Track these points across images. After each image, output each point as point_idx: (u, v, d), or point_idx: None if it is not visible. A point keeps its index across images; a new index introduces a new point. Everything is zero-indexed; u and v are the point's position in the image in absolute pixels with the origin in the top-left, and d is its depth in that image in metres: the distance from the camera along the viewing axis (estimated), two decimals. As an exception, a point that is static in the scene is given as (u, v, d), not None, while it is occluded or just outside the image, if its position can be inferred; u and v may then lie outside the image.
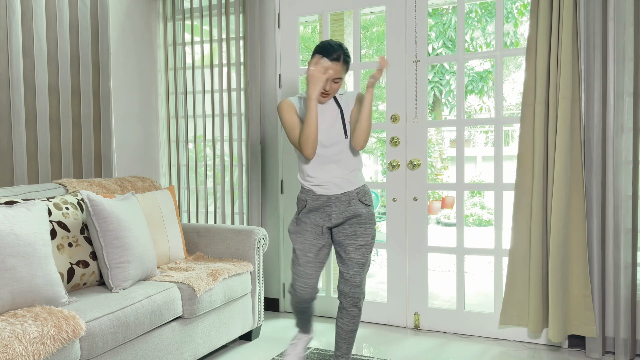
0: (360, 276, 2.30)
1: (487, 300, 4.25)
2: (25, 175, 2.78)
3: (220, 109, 3.64)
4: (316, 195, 2.31)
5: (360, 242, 2.30)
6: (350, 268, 2.30)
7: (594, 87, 2.75)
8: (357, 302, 2.32)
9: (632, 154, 2.69)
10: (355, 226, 2.30)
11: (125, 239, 2.41)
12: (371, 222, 2.34)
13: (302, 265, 2.32)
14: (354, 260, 2.30)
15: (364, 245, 2.31)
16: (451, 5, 3.69)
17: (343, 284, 2.32)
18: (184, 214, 3.90)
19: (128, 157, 3.63)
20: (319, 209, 2.32)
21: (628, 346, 2.72)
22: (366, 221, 2.32)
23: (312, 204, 2.32)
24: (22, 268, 1.94)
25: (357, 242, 2.30)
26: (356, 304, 2.32)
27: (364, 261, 2.31)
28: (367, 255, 2.32)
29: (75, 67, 3.09)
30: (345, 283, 2.31)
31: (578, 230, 2.78)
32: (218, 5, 3.63)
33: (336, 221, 2.31)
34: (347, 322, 2.34)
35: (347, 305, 2.32)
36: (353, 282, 2.30)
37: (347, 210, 2.30)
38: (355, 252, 2.30)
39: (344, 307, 2.33)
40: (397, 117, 3.26)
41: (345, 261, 2.31)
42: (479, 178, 14.07)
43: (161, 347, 2.34)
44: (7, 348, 1.63)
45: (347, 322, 2.34)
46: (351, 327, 2.34)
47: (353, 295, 2.30)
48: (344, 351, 2.37)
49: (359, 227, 2.30)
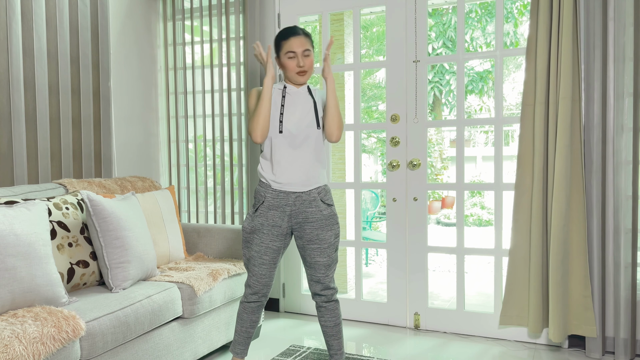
0: (328, 277, 2.31)
1: (487, 300, 4.25)
2: (25, 175, 2.78)
3: (220, 109, 3.64)
4: (275, 192, 2.26)
5: (324, 244, 2.28)
6: (318, 271, 2.30)
7: (594, 87, 2.75)
8: (330, 297, 2.33)
9: (632, 154, 2.69)
10: (317, 230, 2.27)
11: (125, 239, 2.41)
12: (333, 222, 2.30)
13: (257, 267, 2.29)
14: (320, 263, 2.29)
15: (328, 247, 2.29)
16: (451, 5, 3.69)
17: (314, 286, 2.33)
18: (184, 214, 3.90)
19: (128, 157, 3.63)
20: (278, 208, 2.26)
21: (628, 346, 2.72)
22: (327, 222, 2.29)
23: (271, 201, 2.26)
24: (22, 268, 1.94)
25: (321, 246, 2.28)
26: (330, 298, 2.33)
27: (329, 262, 2.31)
28: (332, 256, 2.31)
29: (75, 67, 3.10)
30: (315, 285, 2.32)
31: (578, 230, 2.78)
32: (218, 5, 3.63)
33: (296, 220, 2.28)
34: (329, 317, 2.34)
35: (321, 302, 2.34)
36: (323, 283, 2.31)
37: (307, 210, 2.27)
38: (320, 255, 2.29)
39: (320, 305, 2.35)
40: (397, 117, 3.26)
41: (311, 265, 2.31)
42: (479, 178, 14.07)
43: (161, 347, 2.34)
44: (7, 348, 1.63)
45: (329, 317, 2.34)
46: (334, 322, 2.35)
47: (324, 294, 2.32)
48: (336, 348, 2.37)
49: (321, 230, 2.27)
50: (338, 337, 2.36)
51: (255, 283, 2.32)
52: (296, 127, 2.25)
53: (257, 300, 2.36)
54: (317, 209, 2.28)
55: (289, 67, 2.25)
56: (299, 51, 2.22)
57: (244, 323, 2.40)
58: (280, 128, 2.25)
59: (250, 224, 2.29)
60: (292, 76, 2.27)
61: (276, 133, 2.25)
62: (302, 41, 2.23)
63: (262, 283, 2.32)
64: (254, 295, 2.35)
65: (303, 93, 2.32)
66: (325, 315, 2.34)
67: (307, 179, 2.26)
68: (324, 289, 2.32)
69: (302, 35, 2.25)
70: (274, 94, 2.31)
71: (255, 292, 2.34)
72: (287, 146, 2.25)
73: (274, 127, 2.26)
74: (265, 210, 2.27)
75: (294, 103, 2.29)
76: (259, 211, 2.28)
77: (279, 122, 2.26)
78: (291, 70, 2.25)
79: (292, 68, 2.24)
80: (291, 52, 2.23)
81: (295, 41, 2.22)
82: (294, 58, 2.23)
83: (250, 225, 2.29)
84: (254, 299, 2.36)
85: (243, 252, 2.35)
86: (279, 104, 2.29)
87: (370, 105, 12.46)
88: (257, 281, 2.32)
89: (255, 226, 2.27)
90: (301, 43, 2.22)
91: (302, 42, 2.23)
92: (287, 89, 2.31)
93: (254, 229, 2.28)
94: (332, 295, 2.34)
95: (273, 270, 2.33)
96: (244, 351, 2.43)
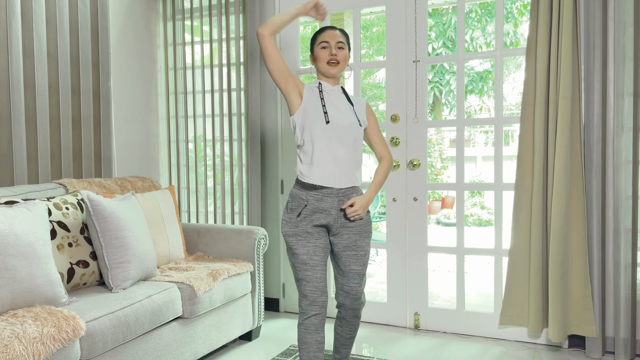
0: (360, 287, 2.21)
1: (487, 300, 4.25)
2: (25, 175, 2.78)
3: (220, 109, 3.64)
4: (318, 195, 2.13)
5: (361, 252, 2.19)
6: (351, 280, 2.19)
7: (594, 87, 2.75)
8: (357, 312, 2.25)
9: (632, 154, 2.69)
10: (356, 236, 2.18)
11: (125, 239, 2.41)
12: (370, 230, 2.24)
13: (311, 270, 2.10)
14: (355, 271, 2.19)
15: (364, 255, 2.21)
16: (451, 5, 3.69)
17: (343, 297, 2.20)
18: (184, 214, 3.90)
19: (128, 157, 3.63)
20: (323, 210, 2.14)
21: (628, 346, 2.72)
22: (365, 229, 2.21)
23: (315, 204, 2.13)
24: (22, 268, 1.94)
25: (358, 253, 2.19)
26: (357, 315, 2.26)
27: (363, 271, 2.21)
28: (366, 265, 2.23)
29: (75, 67, 3.09)
30: (345, 296, 2.20)
31: (578, 230, 2.78)
32: (218, 5, 3.63)
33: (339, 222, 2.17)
34: (347, 330, 2.28)
35: (347, 316, 2.25)
36: (354, 295, 2.19)
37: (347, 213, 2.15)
38: (356, 263, 2.19)
39: (344, 317, 2.25)
40: (397, 117, 3.26)
41: (345, 273, 2.19)
42: (479, 178, 14.06)
43: (161, 347, 2.34)
44: (7, 348, 1.63)
45: (347, 330, 2.28)
46: (350, 335, 2.31)
47: (354, 307, 2.23)
48: (343, 355, 2.36)
49: (359, 236, 2.19)
50: (349, 347, 2.34)
51: (312, 289, 2.10)
52: (341, 119, 2.16)
53: (318, 312, 2.10)
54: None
55: (321, 57, 2.19)
56: (333, 42, 2.18)
57: (309, 347, 2.10)
58: (326, 118, 2.13)
59: (293, 229, 2.14)
60: (323, 67, 2.19)
61: (321, 124, 2.12)
62: (337, 34, 2.21)
63: (319, 288, 2.10)
64: (313, 306, 2.10)
65: (338, 92, 2.25)
66: (345, 327, 2.27)
67: (347, 174, 2.17)
68: (354, 301, 2.20)
69: (338, 31, 2.24)
70: (310, 91, 2.20)
71: (313, 301, 2.09)
72: (331, 138, 2.13)
73: (318, 119, 2.13)
74: (310, 213, 2.14)
75: (332, 99, 2.21)
76: (303, 215, 2.14)
77: (323, 114, 2.14)
78: (322, 59, 2.18)
79: (323, 57, 2.18)
80: (324, 42, 2.18)
81: (330, 33, 2.21)
82: (327, 48, 2.18)
83: (293, 230, 2.14)
84: (315, 312, 2.10)
85: (290, 262, 2.18)
86: (318, 97, 2.19)
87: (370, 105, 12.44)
88: (314, 287, 2.10)
89: (299, 229, 2.14)
90: (336, 35, 2.20)
91: (337, 34, 2.21)
92: (322, 86, 2.23)
93: (297, 232, 2.14)
94: (359, 310, 2.24)
95: (325, 272, 2.16)
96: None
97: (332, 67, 2.18)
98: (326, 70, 2.19)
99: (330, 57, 2.17)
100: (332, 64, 2.18)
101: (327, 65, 2.18)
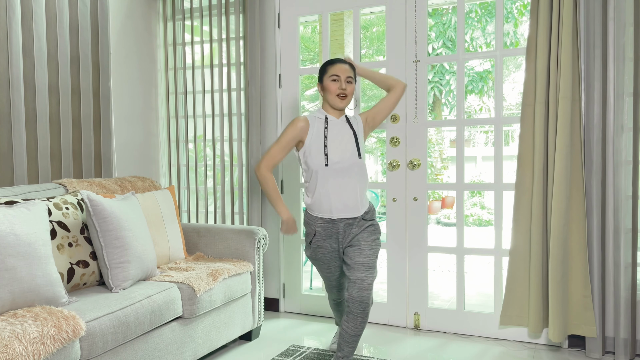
0: (368, 278, 2.30)
1: (487, 300, 4.25)
2: (25, 175, 2.78)
3: (220, 109, 3.64)
4: (325, 223, 2.41)
5: (364, 245, 2.36)
6: (357, 270, 2.32)
7: (594, 87, 2.75)
8: (365, 307, 2.30)
9: (632, 154, 2.69)
10: (358, 234, 2.41)
11: (125, 239, 2.41)
12: (374, 230, 2.42)
13: (333, 281, 2.60)
14: (360, 262, 2.33)
15: (368, 249, 2.36)
16: (451, 5, 3.69)
17: (352, 287, 2.32)
18: (184, 214, 3.91)
19: (128, 157, 3.63)
20: (331, 237, 2.43)
21: (628, 346, 2.72)
22: (368, 229, 2.42)
23: (322, 233, 2.42)
24: (22, 268, 1.94)
25: (360, 246, 2.37)
26: (364, 310, 2.30)
27: (370, 263, 2.33)
28: (372, 259, 2.35)
29: (75, 67, 3.10)
30: (353, 286, 2.31)
31: (578, 230, 2.78)
32: (218, 5, 3.63)
33: (346, 241, 2.43)
34: (353, 326, 2.33)
35: (355, 310, 2.30)
36: (361, 284, 2.29)
37: (352, 231, 2.41)
38: (360, 255, 2.34)
39: (352, 311, 2.31)
40: (397, 117, 3.26)
41: (351, 266, 2.35)
42: (479, 178, 14.07)
43: (161, 347, 2.34)
44: (7, 348, 1.63)
45: (353, 326, 2.33)
46: (356, 332, 2.34)
47: (362, 299, 2.28)
48: (345, 353, 2.37)
49: (361, 234, 2.40)
50: (352, 346, 2.37)
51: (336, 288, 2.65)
52: (341, 157, 2.35)
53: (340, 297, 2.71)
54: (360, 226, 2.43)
55: (330, 89, 2.38)
56: (343, 76, 2.37)
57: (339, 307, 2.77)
58: (326, 161, 2.34)
59: (312, 254, 2.52)
60: (332, 99, 2.39)
61: (322, 166, 2.35)
62: (347, 69, 2.39)
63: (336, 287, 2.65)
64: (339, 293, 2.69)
65: (342, 123, 2.43)
66: (351, 322, 2.32)
67: (355, 205, 2.39)
68: (361, 291, 2.28)
69: (348, 65, 2.41)
70: (316, 123, 2.42)
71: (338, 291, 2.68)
72: (334, 177, 2.35)
73: (319, 160, 2.35)
74: (321, 240, 2.45)
75: (336, 134, 2.39)
76: (314, 243, 2.47)
77: (324, 155, 2.34)
78: (332, 92, 2.37)
79: (333, 90, 2.37)
80: (335, 76, 2.36)
81: (341, 67, 2.38)
82: (337, 81, 2.36)
83: (313, 255, 2.52)
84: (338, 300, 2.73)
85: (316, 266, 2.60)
86: (322, 135, 2.38)
87: (370, 105, 12.46)
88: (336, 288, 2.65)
89: (318, 256, 2.50)
90: (346, 70, 2.38)
91: (347, 70, 2.39)
92: (328, 120, 2.40)
93: (316, 257, 2.51)
94: (367, 304, 2.30)
95: (343, 276, 2.61)
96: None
97: (341, 100, 2.38)
98: (335, 103, 2.39)
99: (340, 90, 2.36)
100: (341, 97, 2.37)
101: (337, 97, 2.37)
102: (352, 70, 2.42)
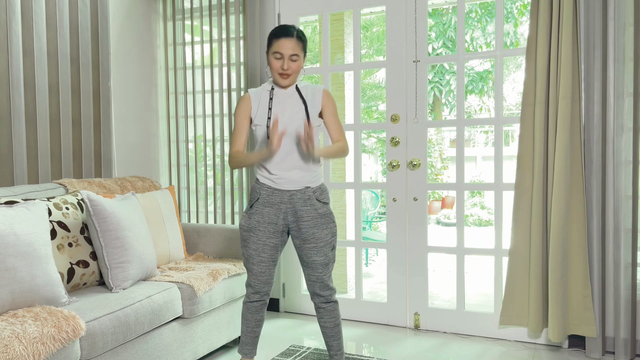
0: (326, 276, 2.30)
1: (487, 300, 4.25)
2: (25, 175, 2.78)
3: (220, 109, 3.64)
4: (271, 189, 2.26)
5: (320, 243, 2.26)
6: (315, 270, 2.29)
7: (594, 87, 2.75)
8: (329, 298, 2.33)
9: (632, 154, 2.69)
10: (313, 229, 2.26)
11: (125, 239, 2.41)
12: (329, 220, 2.29)
13: (256, 265, 2.29)
14: (317, 262, 2.28)
15: (324, 246, 2.28)
16: (451, 5, 3.69)
17: (312, 286, 2.32)
18: (184, 214, 3.91)
19: (128, 157, 3.63)
20: (273, 205, 2.26)
21: (628, 346, 2.72)
22: (323, 220, 2.27)
23: (266, 198, 2.26)
24: (22, 268, 1.94)
25: (317, 244, 2.26)
26: (329, 300, 2.33)
27: (326, 261, 2.29)
28: (329, 255, 2.30)
29: (75, 67, 3.10)
30: (313, 285, 2.31)
31: (578, 230, 2.78)
32: (218, 5, 3.63)
33: (292, 218, 2.27)
34: (328, 318, 2.34)
35: (320, 303, 2.34)
36: (321, 283, 2.30)
37: (302, 209, 2.25)
38: (317, 254, 2.27)
39: (320, 306, 2.34)
40: (397, 117, 3.26)
41: (308, 264, 2.29)
42: (479, 178, 14.06)
43: (161, 347, 2.34)
44: (7, 348, 1.63)
45: (328, 318, 2.34)
46: (334, 322, 2.35)
47: (323, 295, 2.32)
48: (335, 349, 2.37)
49: (317, 229, 2.26)
50: (337, 337, 2.36)
51: (256, 282, 2.32)
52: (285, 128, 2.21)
53: (260, 300, 2.36)
54: (312, 207, 2.26)
55: (273, 66, 2.22)
56: (287, 54, 2.18)
57: (249, 323, 2.39)
58: (267, 133, 2.23)
59: (247, 222, 2.29)
60: (274, 76, 2.25)
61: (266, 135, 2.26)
62: (293, 45, 2.19)
63: (262, 281, 2.31)
64: (255, 294, 2.35)
65: (292, 94, 2.30)
66: (325, 316, 2.34)
67: (301, 177, 2.26)
68: (322, 289, 2.31)
69: (295, 38, 2.20)
70: (262, 94, 2.31)
71: (257, 291, 2.34)
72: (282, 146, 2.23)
73: (263, 130, 2.26)
74: (261, 207, 2.27)
75: (281, 105, 2.27)
76: (255, 208, 2.28)
77: (266, 127, 2.25)
78: (275, 70, 2.22)
79: (275, 68, 2.21)
80: (278, 53, 2.19)
81: (286, 43, 2.18)
82: (281, 59, 2.20)
83: (247, 224, 2.29)
84: (256, 298, 2.36)
85: (242, 251, 2.34)
86: (267, 107, 2.27)
87: (370, 105, 12.47)
88: (257, 279, 2.31)
89: (252, 224, 2.27)
90: (291, 46, 2.18)
91: (293, 45, 2.19)
92: (274, 91, 2.29)
93: (251, 227, 2.28)
94: (330, 295, 2.33)
95: (272, 268, 2.32)
96: (252, 351, 2.43)
97: (283, 79, 2.24)
98: (278, 80, 2.25)
99: (282, 70, 2.21)
100: (283, 76, 2.23)
101: (279, 76, 2.23)
102: (301, 44, 2.21)
